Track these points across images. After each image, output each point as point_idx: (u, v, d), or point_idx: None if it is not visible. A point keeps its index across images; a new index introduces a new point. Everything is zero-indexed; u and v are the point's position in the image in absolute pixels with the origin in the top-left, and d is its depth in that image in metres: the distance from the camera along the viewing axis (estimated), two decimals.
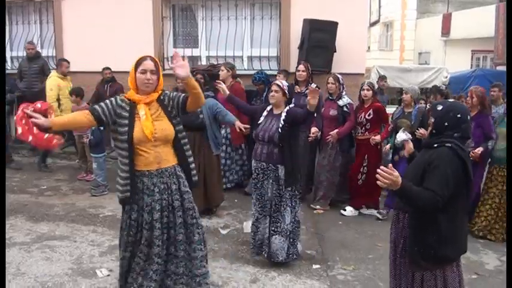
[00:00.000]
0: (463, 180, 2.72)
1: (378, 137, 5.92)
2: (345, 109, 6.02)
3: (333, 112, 6.02)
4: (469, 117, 2.87)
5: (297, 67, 6.41)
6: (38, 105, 3.24)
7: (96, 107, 3.25)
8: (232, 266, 4.40)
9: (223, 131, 6.36)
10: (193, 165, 3.49)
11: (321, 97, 6.23)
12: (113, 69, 8.10)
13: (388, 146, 6.09)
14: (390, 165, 2.54)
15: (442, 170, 2.65)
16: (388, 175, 2.49)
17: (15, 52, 9.48)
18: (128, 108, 3.23)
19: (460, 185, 2.70)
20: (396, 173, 2.50)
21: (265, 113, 4.47)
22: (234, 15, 8.14)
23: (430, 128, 2.90)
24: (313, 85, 5.33)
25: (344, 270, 4.48)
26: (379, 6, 20.11)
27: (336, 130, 5.93)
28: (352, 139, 6.19)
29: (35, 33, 9.29)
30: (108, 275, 4.09)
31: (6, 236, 4.97)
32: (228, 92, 4.73)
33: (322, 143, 6.21)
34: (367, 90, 5.99)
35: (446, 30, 19.11)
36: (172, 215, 3.31)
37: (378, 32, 21.96)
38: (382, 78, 10.65)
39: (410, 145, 3.29)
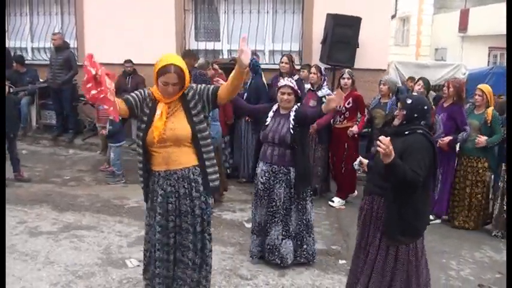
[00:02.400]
0: (433, 161, 3.06)
1: (355, 128, 6.02)
2: (324, 100, 5.92)
3: (313, 103, 5.99)
4: (430, 107, 3.30)
5: (280, 58, 6.66)
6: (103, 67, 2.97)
7: (130, 98, 3.13)
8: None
9: None
10: (212, 169, 3.22)
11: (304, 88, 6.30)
12: (134, 62, 8.14)
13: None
14: (388, 138, 2.79)
15: (419, 153, 2.97)
16: (387, 144, 2.75)
17: (36, 43, 9.56)
18: (150, 105, 3.13)
19: (431, 165, 3.04)
20: (392, 147, 2.77)
21: (271, 114, 4.29)
22: (256, 9, 8.15)
23: (400, 119, 3.20)
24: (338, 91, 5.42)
25: None
26: (396, 1, 19.96)
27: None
28: (330, 131, 6.25)
29: (56, 24, 9.37)
30: (138, 265, 4.12)
31: (33, 225, 5.08)
32: None
33: None
34: (348, 79, 6.07)
35: (463, 26, 18.93)
36: (179, 219, 3.17)
37: (394, 27, 21.80)
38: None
39: (365, 162, 3.49)
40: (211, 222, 3.36)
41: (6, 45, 9.35)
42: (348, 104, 6.06)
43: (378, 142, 2.79)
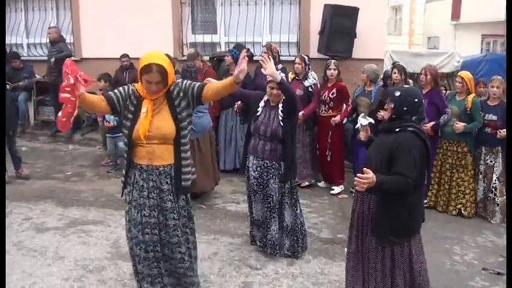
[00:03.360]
0: (426, 159, 2.98)
1: (337, 118, 6.14)
2: (310, 89, 6.25)
3: (299, 92, 6.01)
4: (422, 100, 3.11)
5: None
6: (82, 72, 3.17)
7: (112, 94, 3.21)
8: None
9: None
10: (187, 169, 3.26)
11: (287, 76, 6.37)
12: (131, 56, 8.07)
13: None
14: (365, 169, 2.72)
15: (410, 154, 2.86)
16: (365, 180, 2.68)
17: (32, 39, 9.51)
18: (135, 102, 3.18)
19: (424, 164, 2.96)
20: (371, 174, 2.69)
21: (262, 103, 4.23)
22: (254, 0, 8.12)
23: (389, 114, 3.07)
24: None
25: None
26: None
27: (301, 112, 5.98)
28: (315, 118, 6.41)
29: (52, 20, 9.29)
30: None
31: (39, 221, 5.11)
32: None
33: None
34: (334, 70, 6.17)
35: (456, 14, 19.00)
36: (163, 216, 3.20)
37: (387, 16, 21.80)
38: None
39: (368, 131, 3.41)
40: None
41: None
42: (332, 94, 6.21)
43: (355, 181, 2.72)
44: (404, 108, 2.98)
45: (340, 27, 7.12)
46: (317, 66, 6.79)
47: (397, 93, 3.04)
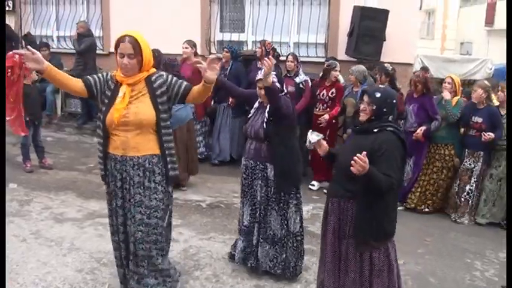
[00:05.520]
0: (404, 159, 2.99)
1: (326, 116, 6.26)
2: (301, 86, 6.49)
3: (291, 88, 6.14)
4: (397, 100, 3.16)
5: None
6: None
7: (90, 78, 3.13)
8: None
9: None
10: (170, 159, 3.19)
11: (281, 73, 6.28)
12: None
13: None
14: (364, 153, 2.66)
15: (392, 155, 2.84)
16: (363, 163, 2.63)
17: (62, 32, 9.65)
18: (112, 88, 3.10)
19: (403, 165, 2.98)
20: (367, 160, 2.65)
21: (256, 105, 4.01)
22: (282, 0, 8.06)
23: (368, 115, 2.99)
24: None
25: None
26: None
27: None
28: (308, 115, 6.54)
29: (82, 13, 9.43)
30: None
31: (58, 211, 5.17)
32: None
33: None
34: (339, 71, 6.45)
35: (490, 19, 18.59)
36: (133, 209, 3.14)
37: (419, 20, 21.48)
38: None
39: (324, 144, 3.25)
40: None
41: (32, 33, 9.46)
42: (332, 93, 6.37)
43: (352, 162, 2.64)
44: (384, 110, 2.97)
45: (369, 30, 7.00)
46: (345, 68, 6.71)
47: (378, 95, 2.99)
